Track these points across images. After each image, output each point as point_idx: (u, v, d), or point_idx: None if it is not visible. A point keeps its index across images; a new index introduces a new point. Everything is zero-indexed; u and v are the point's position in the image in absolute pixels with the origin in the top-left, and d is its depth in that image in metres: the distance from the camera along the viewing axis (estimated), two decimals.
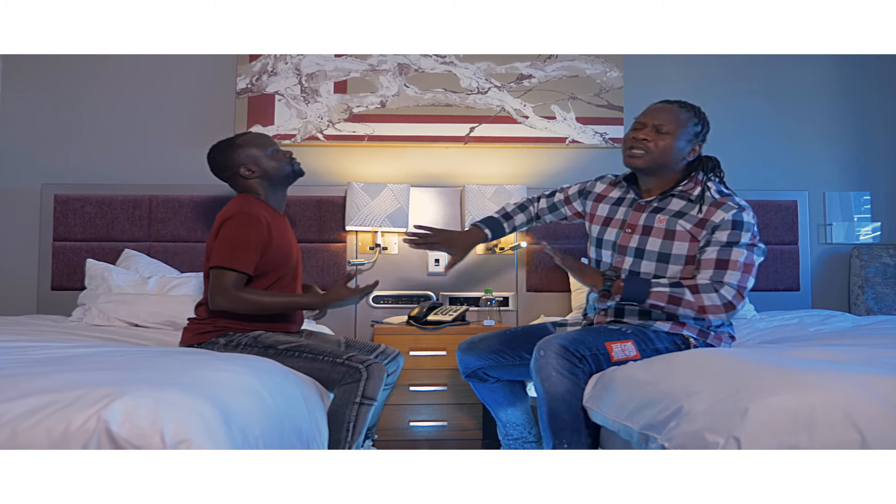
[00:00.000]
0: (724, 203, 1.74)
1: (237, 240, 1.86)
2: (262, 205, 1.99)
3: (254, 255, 1.88)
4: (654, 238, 1.78)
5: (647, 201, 1.84)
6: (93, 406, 1.06)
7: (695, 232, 1.75)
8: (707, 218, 1.74)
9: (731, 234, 1.71)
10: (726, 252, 1.70)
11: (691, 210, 1.77)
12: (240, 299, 1.86)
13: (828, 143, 3.24)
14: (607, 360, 1.68)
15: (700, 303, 1.66)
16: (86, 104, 3.03)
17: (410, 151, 3.09)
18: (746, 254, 1.70)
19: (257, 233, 1.88)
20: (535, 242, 3.03)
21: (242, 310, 1.88)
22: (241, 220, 1.88)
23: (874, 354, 1.52)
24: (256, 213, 1.90)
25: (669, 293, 1.68)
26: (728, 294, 1.67)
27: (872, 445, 1.12)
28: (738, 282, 1.68)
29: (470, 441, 2.59)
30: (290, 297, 1.96)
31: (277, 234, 1.95)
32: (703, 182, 1.80)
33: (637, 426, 1.41)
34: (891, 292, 3.01)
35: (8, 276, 2.97)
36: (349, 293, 1.94)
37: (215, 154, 2.04)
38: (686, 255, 1.76)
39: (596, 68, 3.10)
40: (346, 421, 1.78)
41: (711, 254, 1.71)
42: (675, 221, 1.77)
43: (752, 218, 1.74)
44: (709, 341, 1.79)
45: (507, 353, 1.96)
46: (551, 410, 1.65)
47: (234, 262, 1.85)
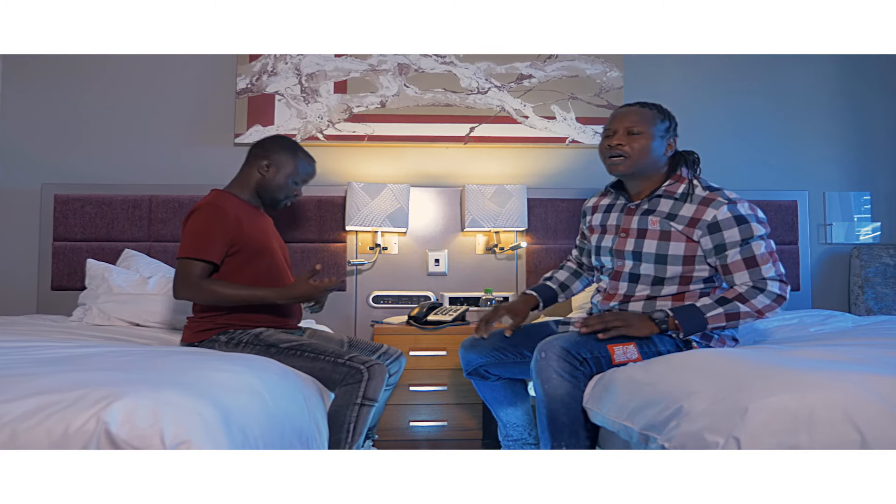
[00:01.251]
0: (713, 199, 1.74)
1: (201, 230, 1.90)
2: (236, 201, 2.03)
3: (218, 245, 1.90)
4: (649, 240, 1.78)
5: (637, 204, 1.84)
6: (93, 407, 1.06)
7: (688, 232, 1.75)
8: (698, 217, 1.74)
9: (741, 229, 1.71)
10: (748, 250, 1.71)
11: (680, 210, 1.77)
12: (202, 289, 1.88)
13: (828, 143, 3.24)
14: (608, 362, 1.67)
15: (755, 308, 1.68)
16: (86, 104, 3.03)
17: (410, 151, 3.09)
18: (765, 243, 1.72)
19: (221, 224, 1.91)
20: (535, 242, 3.03)
21: (204, 300, 1.90)
22: (205, 212, 1.92)
23: (874, 354, 1.52)
24: (222, 206, 1.94)
25: (725, 313, 1.68)
26: (774, 288, 1.69)
27: (872, 445, 1.12)
28: (776, 272, 1.71)
29: (470, 441, 2.59)
30: (253, 289, 1.93)
31: (249, 226, 1.98)
32: (689, 179, 1.81)
33: (637, 426, 1.41)
34: (891, 292, 3.01)
35: (8, 276, 2.97)
36: (310, 288, 1.92)
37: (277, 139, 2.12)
38: (683, 256, 1.76)
39: (596, 68, 3.10)
40: (346, 421, 1.78)
41: (735, 256, 1.71)
42: (667, 223, 1.77)
43: (748, 208, 1.75)
44: (711, 344, 1.79)
45: (508, 351, 1.97)
46: (551, 412, 1.64)
47: (199, 253, 1.88)
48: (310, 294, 1.93)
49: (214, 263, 1.91)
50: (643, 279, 1.80)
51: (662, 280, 1.78)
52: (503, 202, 2.87)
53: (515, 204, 2.87)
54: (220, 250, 1.91)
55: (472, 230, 2.97)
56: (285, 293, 1.94)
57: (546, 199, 3.04)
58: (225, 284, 1.91)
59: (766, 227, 1.76)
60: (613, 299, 1.84)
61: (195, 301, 1.93)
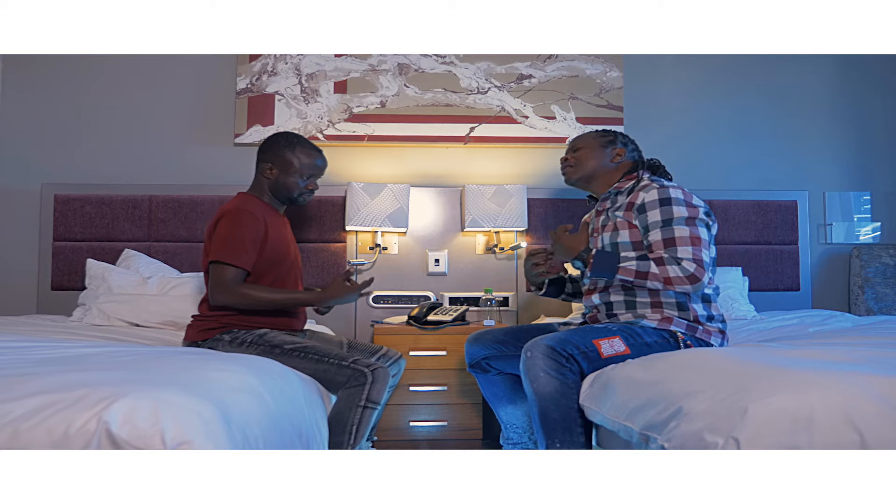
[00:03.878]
0: (647, 185, 1.87)
1: (234, 236, 1.89)
2: (262, 204, 2.02)
3: (251, 252, 1.90)
4: (605, 233, 1.92)
5: (602, 206, 1.99)
6: (93, 407, 1.06)
7: (628, 217, 1.86)
8: (633, 201, 1.86)
9: (662, 210, 1.80)
10: (669, 231, 1.78)
11: (626, 200, 1.89)
12: (241, 294, 1.88)
13: (828, 143, 3.24)
14: (597, 357, 1.70)
15: (665, 274, 1.74)
16: (86, 104, 3.03)
17: (410, 151, 3.10)
18: (689, 229, 1.78)
19: (253, 230, 1.91)
20: (535, 242, 3.03)
21: (243, 305, 1.90)
22: (237, 217, 1.91)
23: (874, 354, 1.52)
24: (252, 211, 1.93)
25: (636, 268, 1.77)
26: (689, 267, 1.74)
27: (872, 446, 1.12)
28: (693, 255, 1.75)
29: (470, 441, 2.59)
30: (291, 293, 1.98)
31: (273, 233, 1.98)
32: (639, 177, 1.95)
33: (637, 426, 1.41)
34: (891, 292, 3.01)
35: (8, 276, 2.97)
36: (347, 290, 1.96)
37: (274, 138, 2.07)
38: (631, 242, 1.86)
39: (596, 68, 3.10)
40: (349, 424, 1.78)
41: (656, 235, 1.80)
42: (614, 214, 1.90)
43: (680, 193, 1.82)
44: (698, 335, 1.80)
45: (510, 344, 2.03)
46: (541, 411, 1.67)
47: (233, 258, 1.87)
48: (346, 296, 1.95)
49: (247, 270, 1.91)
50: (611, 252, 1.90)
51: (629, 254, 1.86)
52: (503, 202, 2.87)
53: (515, 204, 2.87)
54: (252, 256, 1.91)
55: (472, 230, 2.97)
56: (323, 295, 1.97)
57: (546, 199, 3.04)
58: (262, 289, 1.91)
59: (697, 212, 1.81)
60: (594, 293, 1.94)
61: (233, 306, 1.90)
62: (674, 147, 3.15)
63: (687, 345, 1.78)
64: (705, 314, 1.83)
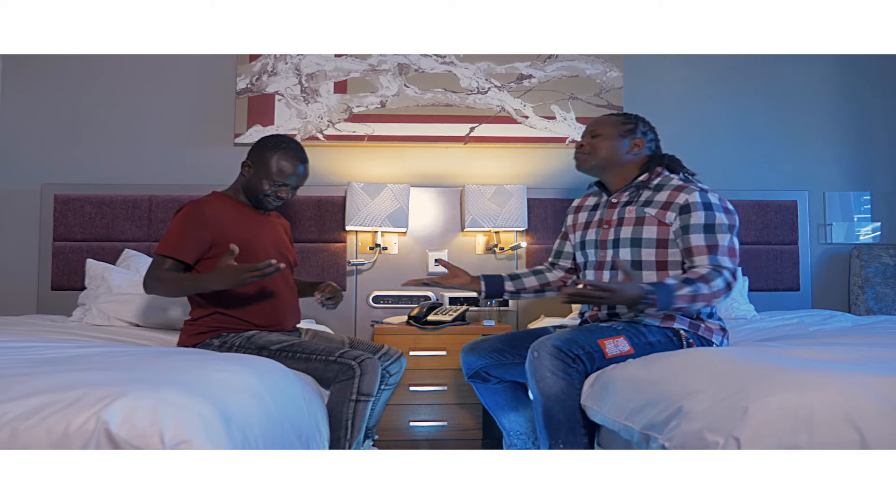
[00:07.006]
0: (686, 186, 1.84)
1: (175, 229, 1.93)
2: (229, 202, 2.03)
3: (191, 245, 1.91)
4: (626, 227, 1.87)
5: (618, 199, 1.95)
6: (93, 406, 1.06)
7: (661, 216, 1.83)
8: (672, 201, 1.83)
9: (706, 215, 1.78)
10: (712, 238, 1.77)
11: (656, 196, 1.87)
12: (155, 278, 1.89)
13: (828, 143, 3.24)
14: (601, 357, 1.69)
15: (712, 290, 1.70)
16: (86, 104, 3.03)
17: (410, 151, 3.10)
18: (729, 237, 1.78)
19: (196, 224, 1.92)
20: (535, 242, 3.03)
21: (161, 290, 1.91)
22: (183, 213, 1.95)
23: (874, 354, 1.52)
24: (202, 207, 1.95)
25: (691, 294, 1.67)
26: (728, 276, 1.73)
27: (872, 445, 1.12)
28: (731, 265, 1.76)
29: (470, 441, 2.58)
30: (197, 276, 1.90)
31: (235, 227, 1.97)
32: (661, 173, 1.92)
33: (638, 426, 1.41)
34: (891, 292, 3.01)
35: (8, 276, 2.97)
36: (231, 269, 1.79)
37: (265, 138, 2.08)
38: (656, 239, 1.83)
39: (596, 68, 3.10)
40: (343, 418, 1.78)
41: (699, 240, 1.77)
42: (642, 210, 1.87)
43: (718, 199, 1.82)
44: (700, 333, 1.80)
45: (507, 352, 1.99)
46: (546, 411, 1.66)
47: (168, 250, 1.90)
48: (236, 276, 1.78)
49: (186, 263, 1.92)
50: None
51: (640, 265, 1.84)
52: (503, 202, 2.87)
53: (515, 204, 2.87)
54: (192, 250, 1.92)
55: (472, 230, 2.97)
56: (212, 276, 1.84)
57: (546, 199, 3.04)
58: (174, 274, 1.90)
59: (734, 220, 1.81)
60: None
61: (155, 292, 1.93)
62: (674, 147, 3.12)
63: (690, 343, 1.77)
64: (707, 311, 1.84)
